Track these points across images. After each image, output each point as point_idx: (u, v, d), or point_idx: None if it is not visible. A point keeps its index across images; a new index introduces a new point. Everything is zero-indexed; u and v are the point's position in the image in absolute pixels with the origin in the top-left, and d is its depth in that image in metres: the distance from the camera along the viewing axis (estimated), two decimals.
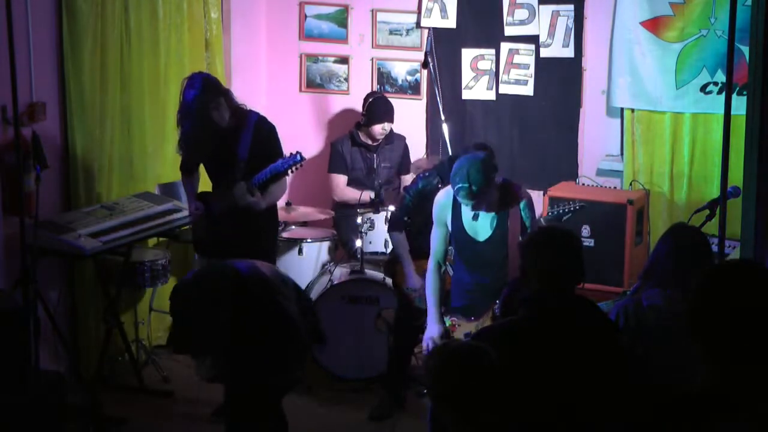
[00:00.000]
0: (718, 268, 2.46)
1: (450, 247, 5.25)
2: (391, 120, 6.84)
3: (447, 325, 5.14)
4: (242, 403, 4.62)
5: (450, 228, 5.12)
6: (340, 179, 6.92)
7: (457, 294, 5.20)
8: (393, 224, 5.88)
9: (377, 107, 6.83)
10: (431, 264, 5.21)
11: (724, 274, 2.40)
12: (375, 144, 6.88)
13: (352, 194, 6.81)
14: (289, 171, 5.49)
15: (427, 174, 5.89)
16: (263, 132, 5.59)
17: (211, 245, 5.65)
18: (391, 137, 6.95)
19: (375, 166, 6.86)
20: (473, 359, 2.94)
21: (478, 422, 2.88)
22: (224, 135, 5.53)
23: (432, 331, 5.14)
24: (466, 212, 5.05)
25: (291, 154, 5.44)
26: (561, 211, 5.81)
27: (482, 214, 4.99)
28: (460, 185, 4.79)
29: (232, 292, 4.42)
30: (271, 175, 5.48)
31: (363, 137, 6.90)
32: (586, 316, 3.31)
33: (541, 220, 5.51)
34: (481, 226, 5.04)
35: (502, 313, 4.71)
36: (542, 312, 3.28)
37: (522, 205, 5.06)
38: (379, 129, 6.79)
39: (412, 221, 5.81)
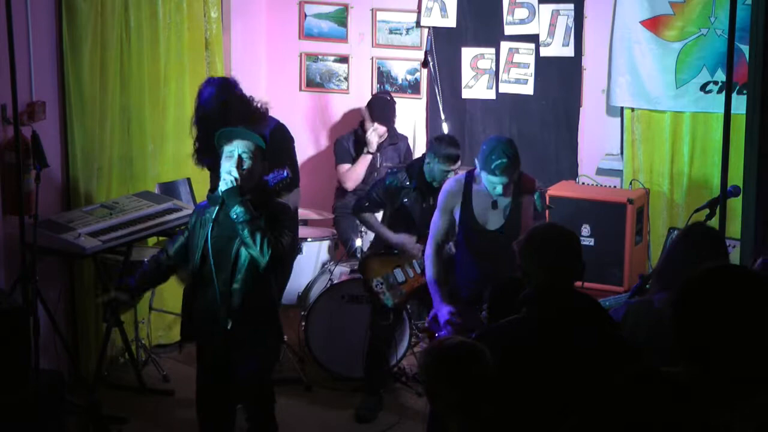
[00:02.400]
0: (700, 274, 2.46)
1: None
2: (384, 122, 6.83)
3: None
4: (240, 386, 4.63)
5: (458, 217, 5.12)
6: (346, 167, 6.92)
7: (463, 285, 5.19)
8: (357, 209, 6.07)
9: (379, 112, 6.85)
10: (431, 247, 5.16)
11: (707, 279, 2.40)
12: (379, 143, 6.88)
13: (356, 171, 6.83)
14: (277, 187, 5.39)
15: (395, 171, 6.03)
16: (277, 142, 5.50)
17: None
18: (395, 137, 6.96)
19: (377, 165, 6.87)
20: (465, 359, 2.93)
21: (475, 422, 2.87)
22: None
23: (443, 312, 5.03)
24: (478, 201, 5.06)
25: (278, 170, 5.35)
26: None
27: (500, 201, 5.02)
28: (498, 161, 4.86)
29: None
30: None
31: (365, 136, 6.90)
32: (587, 315, 3.30)
33: None
34: (493, 215, 5.05)
35: (490, 315, 4.70)
36: (543, 311, 3.27)
37: (536, 195, 5.09)
38: (381, 129, 6.80)
39: (382, 219, 6.00)
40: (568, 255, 3.34)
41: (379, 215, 6.12)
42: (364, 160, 6.85)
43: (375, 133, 6.79)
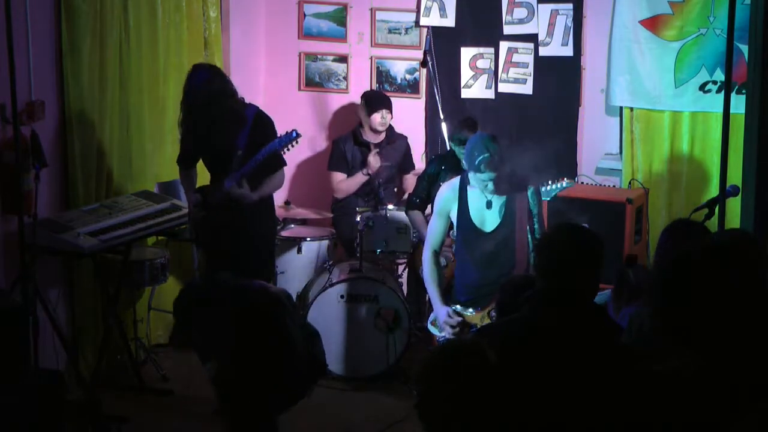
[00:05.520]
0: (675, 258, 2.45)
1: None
2: (388, 108, 6.84)
3: None
4: (235, 412, 4.61)
5: (455, 221, 5.14)
6: (339, 177, 6.92)
7: (461, 288, 5.20)
8: (408, 204, 6.27)
9: (373, 98, 6.87)
10: (427, 253, 5.21)
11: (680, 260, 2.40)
12: (378, 142, 6.88)
13: (349, 185, 6.84)
14: (286, 149, 5.44)
15: (434, 158, 6.38)
16: (262, 124, 5.57)
17: (208, 237, 5.67)
18: (393, 137, 6.96)
19: (377, 167, 6.86)
20: (473, 361, 2.91)
21: (476, 424, 2.85)
22: (224, 126, 5.50)
23: (442, 313, 5.11)
24: (474, 202, 5.07)
25: (287, 132, 5.40)
26: (550, 187, 5.45)
27: (494, 201, 5.02)
28: (481, 157, 4.89)
29: (238, 310, 4.42)
30: (268, 155, 5.41)
31: (365, 135, 6.90)
32: (587, 319, 3.26)
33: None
34: (489, 216, 5.06)
35: (499, 315, 4.70)
36: (544, 313, 3.24)
37: (530, 192, 5.10)
38: (378, 118, 6.80)
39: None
40: (574, 257, 3.26)
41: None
42: (358, 179, 6.82)
43: (377, 157, 6.78)
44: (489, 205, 5.07)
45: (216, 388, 4.49)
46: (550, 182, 5.42)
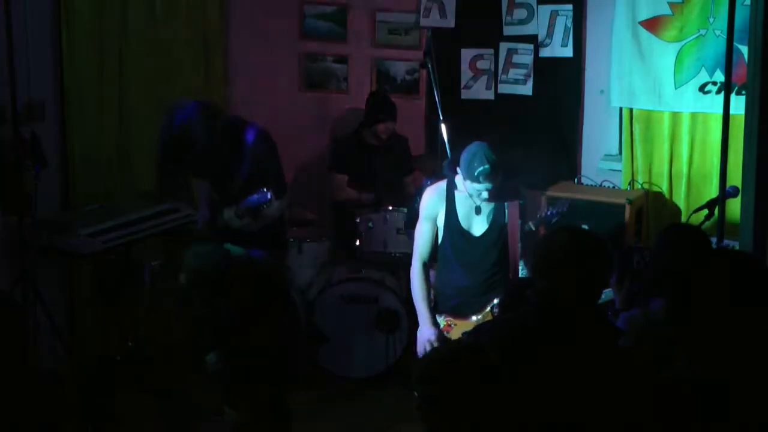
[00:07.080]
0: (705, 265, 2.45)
1: None
2: (392, 118, 6.83)
3: (441, 325, 5.07)
4: (243, 397, 4.63)
5: (442, 224, 5.08)
6: (341, 178, 6.91)
7: (449, 293, 5.12)
8: (407, 224, 6.08)
9: (378, 106, 6.84)
10: (417, 264, 5.08)
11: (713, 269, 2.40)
12: (378, 144, 6.88)
13: (350, 195, 6.81)
14: (261, 208, 5.32)
15: (428, 182, 5.85)
16: (261, 150, 5.39)
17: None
18: (394, 138, 6.95)
19: (377, 167, 6.85)
20: (474, 360, 2.90)
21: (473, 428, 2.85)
22: (222, 154, 5.31)
23: (427, 333, 4.98)
24: (462, 206, 5.02)
25: (263, 191, 5.25)
26: (548, 213, 5.44)
27: (483, 207, 4.99)
28: (480, 168, 4.79)
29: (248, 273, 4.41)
30: (246, 209, 5.31)
31: (367, 137, 6.89)
32: (587, 320, 3.25)
33: (530, 224, 5.24)
34: (478, 221, 5.02)
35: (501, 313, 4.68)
36: (543, 314, 3.23)
37: (521, 204, 5.07)
38: (381, 128, 6.80)
39: None
40: (573, 258, 3.25)
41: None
42: (363, 198, 6.76)
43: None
44: (478, 210, 5.01)
45: (228, 366, 4.48)
46: (549, 210, 5.39)
